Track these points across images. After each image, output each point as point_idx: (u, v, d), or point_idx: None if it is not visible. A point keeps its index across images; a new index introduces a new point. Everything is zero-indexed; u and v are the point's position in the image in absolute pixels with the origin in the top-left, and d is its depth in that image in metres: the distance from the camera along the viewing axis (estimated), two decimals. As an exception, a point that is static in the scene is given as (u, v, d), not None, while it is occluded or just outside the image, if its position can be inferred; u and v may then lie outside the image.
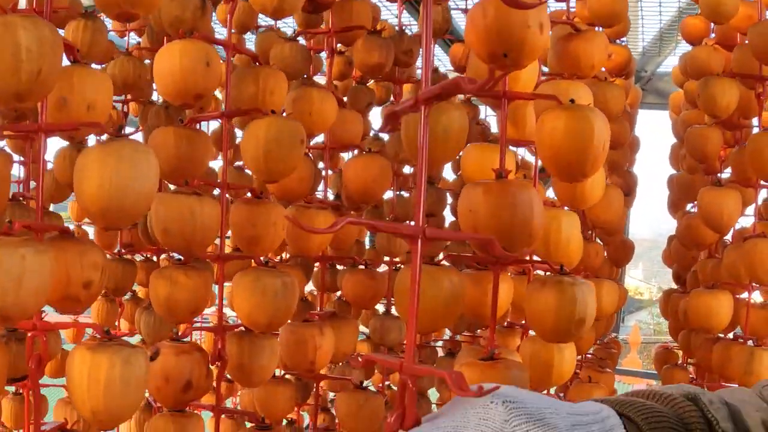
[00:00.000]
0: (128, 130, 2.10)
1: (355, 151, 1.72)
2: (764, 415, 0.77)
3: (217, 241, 1.35)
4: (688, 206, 2.22)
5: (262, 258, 1.32)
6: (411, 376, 0.68)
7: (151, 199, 0.96)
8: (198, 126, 1.37)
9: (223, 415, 1.44)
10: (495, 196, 0.98)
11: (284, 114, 1.33)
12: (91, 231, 2.07)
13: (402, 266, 1.85)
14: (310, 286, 1.97)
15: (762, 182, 1.74)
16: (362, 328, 1.95)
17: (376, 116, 2.25)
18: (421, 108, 0.74)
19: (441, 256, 1.12)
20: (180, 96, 1.24)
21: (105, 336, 0.98)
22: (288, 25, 2.43)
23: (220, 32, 2.33)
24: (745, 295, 1.83)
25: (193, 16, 1.33)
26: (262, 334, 1.36)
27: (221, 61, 1.32)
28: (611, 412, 0.70)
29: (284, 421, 1.85)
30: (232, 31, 1.46)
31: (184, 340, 1.30)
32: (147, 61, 1.79)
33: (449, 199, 2.10)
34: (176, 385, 1.27)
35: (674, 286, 2.32)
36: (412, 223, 0.73)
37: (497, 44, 0.96)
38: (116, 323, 2.11)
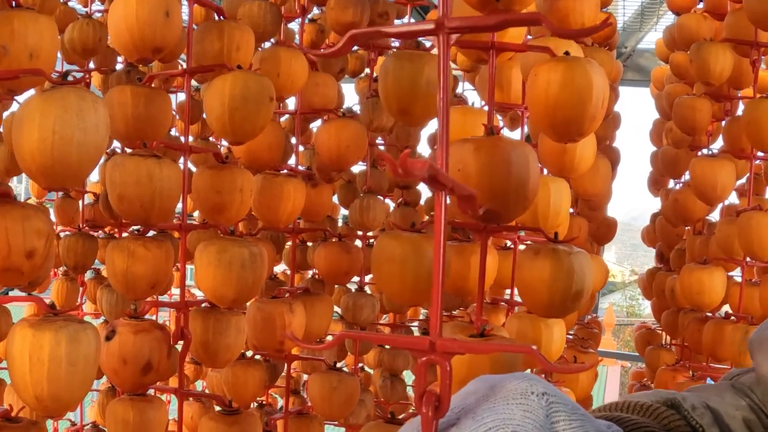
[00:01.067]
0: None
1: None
2: (745, 413, 0.76)
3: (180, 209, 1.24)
4: (671, 183, 2.16)
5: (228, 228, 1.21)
6: (445, 355, 0.56)
7: (99, 155, 0.86)
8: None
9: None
10: (487, 153, 0.87)
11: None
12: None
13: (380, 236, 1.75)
14: (281, 267, 1.87)
15: (758, 153, 1.65)
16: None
17: (349, 92, 2.17)
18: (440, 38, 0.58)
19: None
20: (137, 50, 1.13)
21: (49, 310, 0.87)
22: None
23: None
24: (736, 272, 1.76)
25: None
26: (228, 310, 1.25)
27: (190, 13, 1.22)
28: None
29: (254, 404, 1.76)
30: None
31: (144, 317, 1.20)
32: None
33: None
34: (135, 366, 1.16)
35: (650, 268, 2.28)
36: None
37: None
38: (78, 302, 2.02)
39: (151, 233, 1.27)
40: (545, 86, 0.98)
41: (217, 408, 1.33)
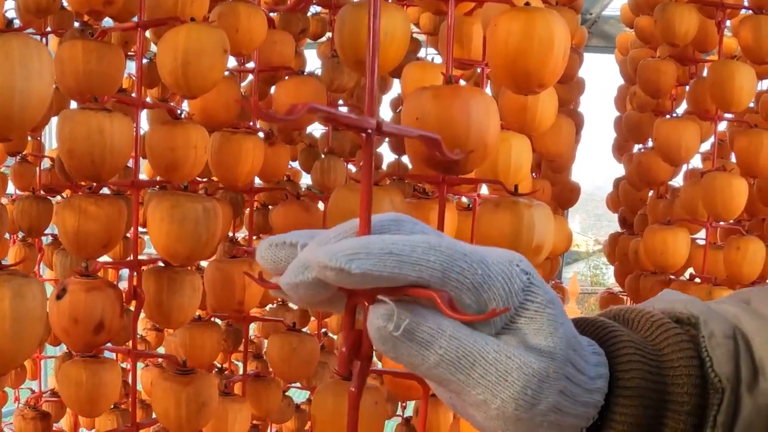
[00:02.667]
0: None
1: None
2: None
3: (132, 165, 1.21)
4: (636, 147, 2.15)
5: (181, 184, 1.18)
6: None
7: (44, 105, 0.83)
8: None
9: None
10: (446, 100, 0.85)
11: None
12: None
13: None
14: (243, 233, 1.84)
15: (722, 114, 1.64)
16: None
17: (312, 56, 2.14)
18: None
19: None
20: (87, 2, 1.09)
21: (-7, 265, 0.84)
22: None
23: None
24: (700, 235, 1.76)
25: None
26: (183, 269, 1.22)
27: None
28: (604, 369, 0.59)
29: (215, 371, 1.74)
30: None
31: (96, 275, 1.16)
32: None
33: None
34: (86, 326, 1.13)
35: (612, 233, 2.27)
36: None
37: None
38: (36, 269, 2.00)
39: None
40: (505, 36, 0.96)
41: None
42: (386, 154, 2.13)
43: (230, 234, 1.67)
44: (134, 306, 1.22)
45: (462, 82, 1.03)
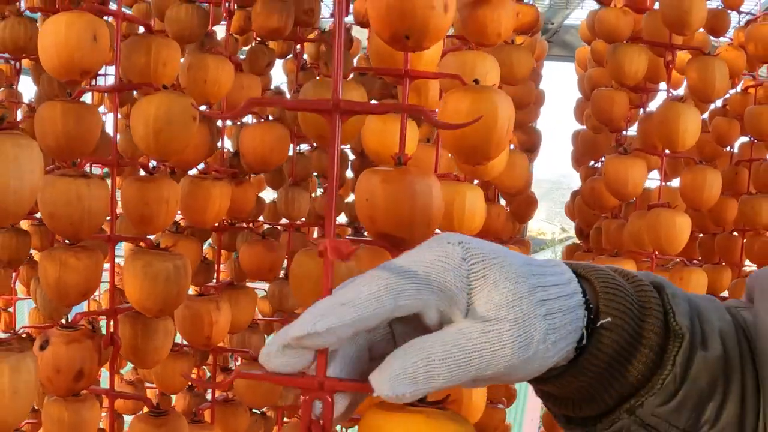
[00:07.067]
0: (22, 83, 2.03)
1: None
2: (723, 325, 0.75)
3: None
4: (591, 162, 2.22)
5: (154, 239, 1.26)
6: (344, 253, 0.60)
7: (35, 194, 0.89)
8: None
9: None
10: (393, 184, 0.93)
11: (179, 82, 1.27)
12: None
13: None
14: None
15: (667, 151, 1.72)
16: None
17: (277, 71, 2.20)
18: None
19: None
20: (66, 72, 1.16)
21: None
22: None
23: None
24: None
25: (83, -19, 1.24)
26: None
27: (118, 30, 1.25)
28: (573, 275, 0.68)
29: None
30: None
31: (77, 326, 1.25)
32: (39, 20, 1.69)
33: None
34: (68, 375, 1.21)
35: (569, 245, 2.34)
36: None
37: (399, 26, 0.91)
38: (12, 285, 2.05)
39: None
40: (453, 115, 1.04)
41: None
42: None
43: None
44: (111, 351, 1.30)
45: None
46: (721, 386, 0.72)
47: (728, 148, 2.19)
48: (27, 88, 3.46)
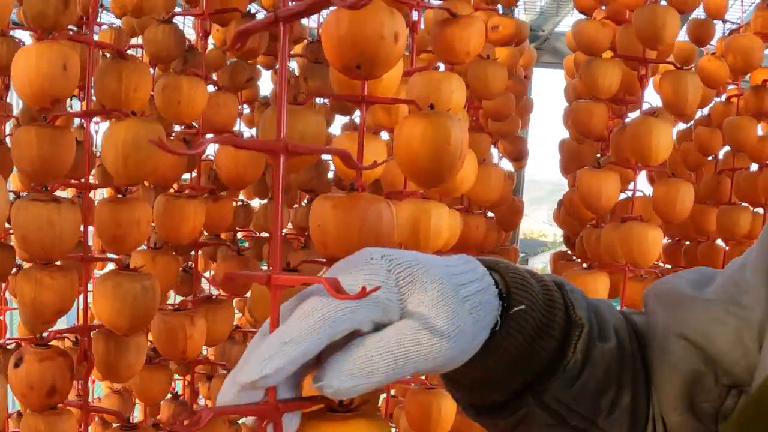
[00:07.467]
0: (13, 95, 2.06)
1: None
2: (617, 322, 0.85)
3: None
4: (576, 171, 2.24)
5: (123, 259, 1.30)
6: (280, 288, 0.64)
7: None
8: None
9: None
10: (343, 210, 0.96)
11: (152, 104, 1.30)
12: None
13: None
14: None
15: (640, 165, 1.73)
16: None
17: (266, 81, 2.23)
18: (280, 26, 0.66)
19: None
20: (37, 100, 1.20)
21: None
22: None
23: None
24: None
25: (55, 11, 1.27)
26: (126, 335, 1.35)
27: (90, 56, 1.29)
28: (485, 269, 0.74)
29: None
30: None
31: (49, 344, 1.29)
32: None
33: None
34: (40, 391, 1.26)
35: (555, 252, 2.34)
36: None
37: (350, 56, 0.94)
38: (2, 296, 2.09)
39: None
40: (408, 140, 1.06)
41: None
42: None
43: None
44: (85, 367, 1.34)
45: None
46: (616, 376, 0.81)
47: (712, 157, 2.21)
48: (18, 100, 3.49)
